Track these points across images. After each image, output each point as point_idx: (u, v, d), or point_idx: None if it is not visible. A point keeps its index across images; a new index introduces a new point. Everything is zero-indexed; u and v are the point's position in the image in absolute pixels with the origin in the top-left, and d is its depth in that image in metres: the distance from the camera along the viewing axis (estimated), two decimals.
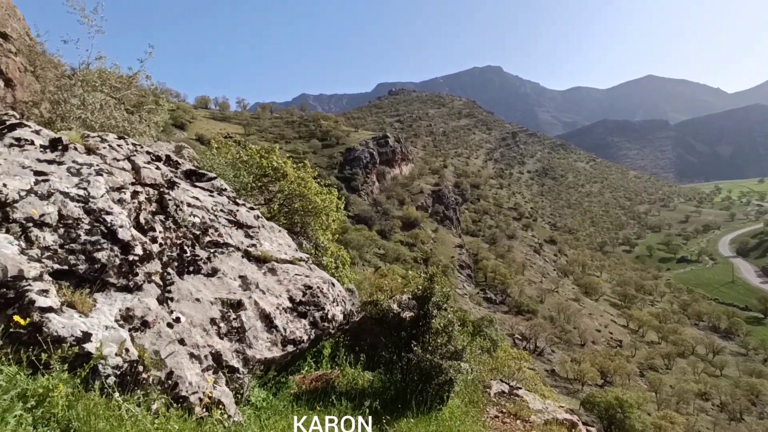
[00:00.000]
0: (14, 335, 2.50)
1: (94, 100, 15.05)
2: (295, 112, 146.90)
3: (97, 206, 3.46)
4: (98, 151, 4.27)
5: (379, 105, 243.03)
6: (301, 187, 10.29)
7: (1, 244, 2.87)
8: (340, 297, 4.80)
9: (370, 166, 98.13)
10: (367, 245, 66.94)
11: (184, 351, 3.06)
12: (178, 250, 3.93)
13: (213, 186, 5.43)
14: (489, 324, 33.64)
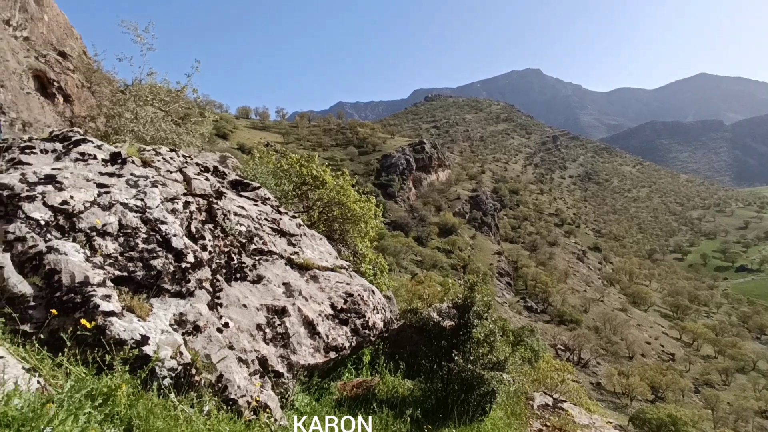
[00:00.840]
0: (80, 337, 2.68)
1: (145, 114, 15.95)
2: (332, 120, 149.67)
3: (153, 216, 3.67)
4: (153, 164, 4.54)
5: (416, 111, 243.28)
6: (340, 195, 10.45)
7: (69, 252, 3.10)
8: (380, 305, 4.84)
9: (406, 173, 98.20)
10: (403, 252, 66.88)
11: (232, 355, 3.18)
12: (225, 258, 4.10)
13: (257, 195, 5.63)
14: (530, 334, 32.70)
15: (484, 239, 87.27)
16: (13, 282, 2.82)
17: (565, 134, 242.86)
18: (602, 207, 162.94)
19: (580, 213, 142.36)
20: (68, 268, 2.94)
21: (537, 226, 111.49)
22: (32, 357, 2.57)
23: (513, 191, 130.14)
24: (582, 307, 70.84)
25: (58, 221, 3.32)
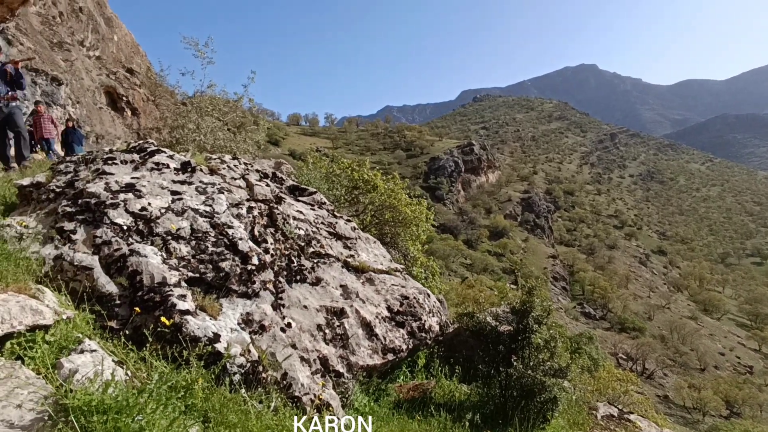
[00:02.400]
0: (160, 334, 2.89)
1: (206, 125, 16.87)
2: (379, 125, 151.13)
3: (221, 221, 3.88)
4: (219, 172, 4.80)
5: (464, 113, 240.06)
6: (391, 198, 10.53)
7: (148, 255, 3.35)
8: (435, 308, 4.83)
9: (454, 175, 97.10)
10: (453, 255, 66.10)
11: (295, 354, 3.30)
12: (286, 261, 4.26)
13: (314, 200, 5.81)
14: (588, 341, 31.14)
15: (538, 242, 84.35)
16: (101, 282, 3.10)
17: (624, 131, 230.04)
18: (667, 207, 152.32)
19: (642, 214, 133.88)
20: (148, 270, 3.18)
21: (594, 229, 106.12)
22: (119, 351, 2.80)
23: (568, 192, 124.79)
24: (646, 314, 66.56)
25: (138, 226, 3.59)
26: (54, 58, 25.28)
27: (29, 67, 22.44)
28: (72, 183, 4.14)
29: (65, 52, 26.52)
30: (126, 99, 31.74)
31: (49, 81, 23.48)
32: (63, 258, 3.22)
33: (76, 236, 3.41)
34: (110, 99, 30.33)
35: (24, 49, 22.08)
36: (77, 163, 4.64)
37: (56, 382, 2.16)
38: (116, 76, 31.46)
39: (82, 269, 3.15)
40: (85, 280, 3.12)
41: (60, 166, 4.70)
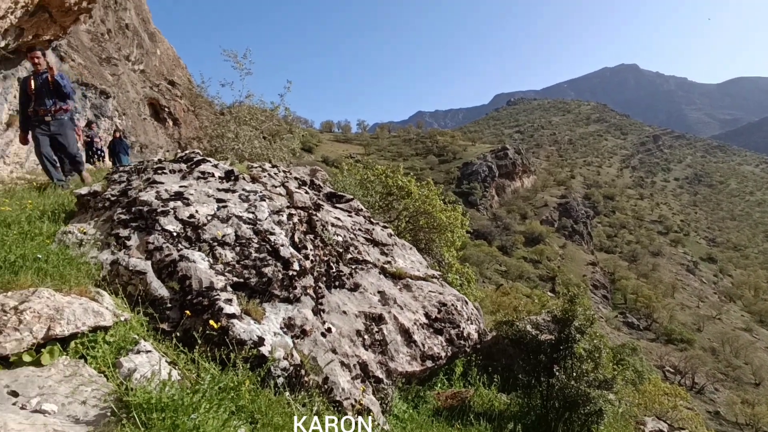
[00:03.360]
0: (208, 336, 3.01)
1: (244, 133, 17.41)
2: (411, 130, 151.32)
3: (263, 227, 4.00)
4: (260, 180, 4.96)
5: (497, 117, 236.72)
6: (426, 204, 10.53)
7: (196, 260, 3.49)
8: (473, 315, 4.78)
9: (488, 180, 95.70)
10: (487, 261, 65.01)
11: (336, 359, 3.35)
12: (325, 266, 4.34)
13: (351, 207, 5.89)
14: (632, 352, 29.80)
15: (576, 249, 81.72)
16: (154, 286, 3.26)
17: (668, 133, 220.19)
18: (716, 212, 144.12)
19: (689, 219, 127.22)
20: (197, 275, 3.32)
21: (637, 235, 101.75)
22: (171, 352, 2.94)
23: (608, 197, 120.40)
24: (694, 325, 63.10)
25: (186, 232, 3.76)
26: (102, 72, 26.83)
27: (80, 82, 23.91)
28: (126, 192, 4.38)
29: (113, 66, 28.12)
30: (168, 110, 33.29)
31: (98, 94, 24.94)
32: (119, 263, 3.40)
33: (131, 242, 3.61)
34: (153, 110, 31.90)
35: (75, 65, 23.56)
36: (130, 172, 4.91)
37: (117, 380, 2.29)
38: (159, 88, 33.09)
39: (136, 273, 3.32)
40: (139, 284, 3.29)
41: (114, 176, 4.99)
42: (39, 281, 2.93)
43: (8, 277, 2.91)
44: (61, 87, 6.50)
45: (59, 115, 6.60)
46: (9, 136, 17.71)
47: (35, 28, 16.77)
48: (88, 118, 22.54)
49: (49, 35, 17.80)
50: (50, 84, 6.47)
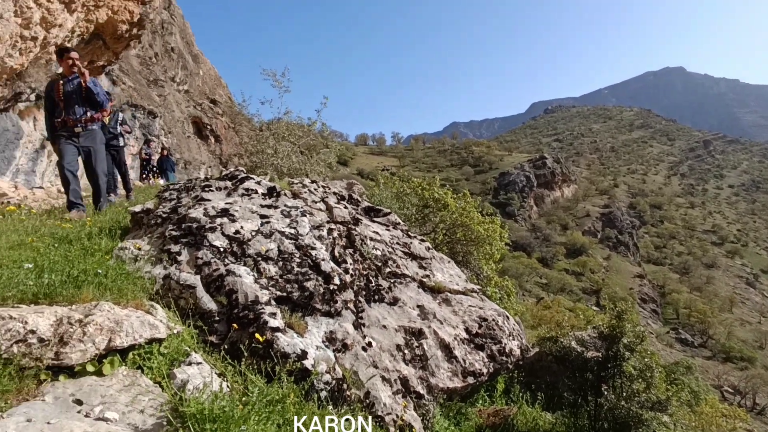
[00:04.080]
0: (254, 349, 3.10)
1: (283, 149, 17.92)
2: (446, 141, 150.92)
3: (305, 242, 4.10)
4: (301, 195, 5.10)
5: (534, 125, 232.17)
6: (463, 216, 10.44)
7: (242, 275, 3.62)
8: (515, 331, 4.67)
9: (526, 190, 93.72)
10: (526, 273, 63.35)
11: (377, 373, 3.36)
12: (364, 280, 4.38)
13: (388, 221, 5.94)
14: (686, 371, 28.03)
15: (621, 260, 78.20)
16: (203, 300, 3.40)
17: (720, 137, 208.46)
18: None
19: (747, 229, 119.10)
20: (243, 289, 3.44)
21: (688, 246, 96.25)
22: (219, 364, 3.04)
23: (655, 206, 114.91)
24: (756, 342, 58.67)
25: (232, 248, 3.91)
26: (150, 94, 28.52)
27: (130, 103, 25.54)
28: (176, 209, 4.61)
29: (159, 88, 29.88)
30: (210, 127, 34.91)
31: (146, 114, 26.54)
32: (170, 277, 3.58)
33: (181, 257, 3.79)
34: (196, 128, 33.57)
35: (125, 88, 25.18)
36: (179, 190, 5.18)
37: (171, 390, 2.41)
38: (201, 106, 34.83)
39: (186, 288, 3.48)
40: (189, 297, 3.44)
41: (165, 194, 5.27)
42: (99, 295, 3.13)
43: (72, 290, 3.12)
44: (93, 94, 5.84)
45: (90, 125, 5.94)
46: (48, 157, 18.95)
47: (90, 55, 18.02)
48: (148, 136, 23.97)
49: (102, 61, 19.09)
50: (82, 90, 5.78)
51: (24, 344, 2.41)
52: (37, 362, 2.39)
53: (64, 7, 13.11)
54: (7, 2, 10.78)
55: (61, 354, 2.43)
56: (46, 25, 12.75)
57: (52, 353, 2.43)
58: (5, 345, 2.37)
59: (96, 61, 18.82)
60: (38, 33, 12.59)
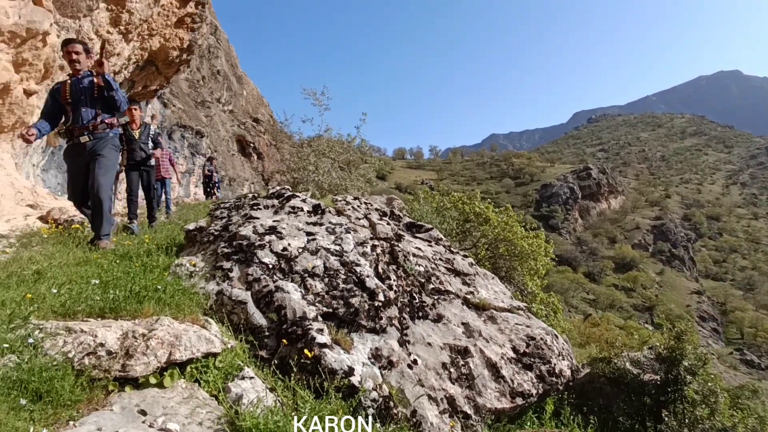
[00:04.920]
0: (302, 365, 3.17)
1: (324, 165, 18.35)
2: (485, 153, 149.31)
3: (349, 259, 4.17)
4: (345, 212, 5.20)
5: (577, 135, 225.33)
6: (506, 231, 10.25)
7: (290, 291, 3.72)
8: (565, 350, 4.51)
9: (570, 202, 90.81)
10: (572, 289, 60.96)
11: (423, 392, 3.34)
12: (408, 297, 4.39)
13: (430, 236, 5.94)
14: (753, 395, 25.85)
15: (676, 275, 73.77)
16: (254, 316, 3.52)
17: None
18: None
19: None
20: (291, 305, 3.53)
21: (752, 260, 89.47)
22: (269, 379, 3.13)
23: (712, 217, 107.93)
24: None
25: (280, 265, 4.03)
26: (198, 114, 30.12)
27: (179, 124, 27.10)
28: (227, 227, 4.82)
29: (206, 109, 31.54)
30: (253, 145, 36.37)
31: (194, 134, 28.05)
32: (223, 293, 3.73)
33: (233, 274, 3.95)
34: (240, 146, 35.11)
35: (175, 110, 26.75)
36: (230, 208, 5.42)
37: (226, 404, 2.50)
38: (245, 125, 36.42)
39: (238, 303, 3.61)
40: (241, 313, 3.57)
41: (216, 212, 5.53)
42: (159, 310, 3.31)
43: (135, 305, 3.32)
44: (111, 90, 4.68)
45: (100, 131, 4.82)
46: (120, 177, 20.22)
47: (144, 80, 19.32)
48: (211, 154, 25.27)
49: (155, 85, 20.39)
50: (95, 89, 4.71)
51: (94, 356, 2.58)
52: (105, 374, 2.55)
53: (122, 37, 14.16)
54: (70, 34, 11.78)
55: (126, 366, 2.58)
56: (106, 55, 13.78)
57: (119, 365, 2.59)
58: (78, 357, 2.56)
59: (149, 86, 20.15)
60: None
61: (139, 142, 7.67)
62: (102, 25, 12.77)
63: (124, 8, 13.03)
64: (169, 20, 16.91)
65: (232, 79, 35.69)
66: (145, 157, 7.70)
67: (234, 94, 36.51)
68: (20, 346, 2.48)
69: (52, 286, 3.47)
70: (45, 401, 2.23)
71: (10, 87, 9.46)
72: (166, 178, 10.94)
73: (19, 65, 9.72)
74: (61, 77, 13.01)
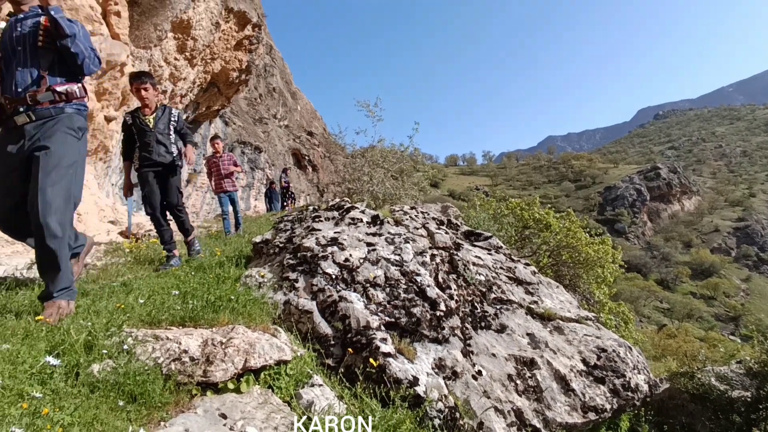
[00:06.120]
0: (367, 373, 3.22)
1: (378, 175, 18.58)
2: (542, 156, 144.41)
3: (409, 269, 4.21)
4: (403, 222, 5.26)
5: (643, 133, 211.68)
6: (569, 237, 9.82)
7: (353, 301, 3.82)
8: (640, 364, 4.25)
9: (638, 204, 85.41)
10: (643, 297, 56.97)
11: (489, 403, 3.28)
12: (469, 307, 4.34)
13: (490, 245, 5.84)
14: None
15: (766, 282, 66.84)
16: (320, 325, 3.64)
17: None
18: None
19: None
20: (355, 314, 3.62)
21: None
22: (337, 387, 3.22)
23: None
24: None
25: (343, 275, 4.15)
26: (256, 131, 31.73)
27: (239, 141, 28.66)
28: (291, 239, 5.03)
29: (263, 125, 33.18)
30: (308, 158, 37.68)
31: (253, 150, 29.55)
32: (290, 303, 3.90)
33: (298, 284, 4.11)
34: (296, 159, 36.53)
35: (236, 127, 28.33)
36: (293, 221, 5.66)
37: (299, 410, 2.61)
38: (300, 139, 37.86)
39: (304, 313, 3.76)
40: (307, 322, 3.71)
41: (280, 225, 5.79)
42: (233, 319, 3.52)
43: (211, 315, 3.55)
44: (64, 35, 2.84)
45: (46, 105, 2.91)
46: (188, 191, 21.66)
47: (207, 101, 20.70)
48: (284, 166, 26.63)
49: (217, 105, 21.79)
50: (40, 33, 2.88)
51: (179, 362, 2.79)
52: (189, 378, 2.74)
53: (188, 63, 15.30)
54: (143, 63, 12.90)
55: (207, 372, 2.77)
56: (173, 80, 14.99)
57: (200, 371, 2.78)
58: (165, 362, 2.78)
59: (212, 106, 21.57)
60: (167, 87, 14.82)
61: (156, 132, 5.04)
62: (170, 53, 13.91)
63: (189, 36, 14.10)
64: (229, 44, 18.07)
65: (286, 95, 37.39)
66: (171, 156, 5.18)
67: (289, 109, 38.22)
68: (116, 352, 2.73)
69: (138, 296, 3.79)
70: (139, 403, 2.44)
71: (93, 114, 10.51)
72: (231, 192, 9.31)
73: (100, 94, 10.80)
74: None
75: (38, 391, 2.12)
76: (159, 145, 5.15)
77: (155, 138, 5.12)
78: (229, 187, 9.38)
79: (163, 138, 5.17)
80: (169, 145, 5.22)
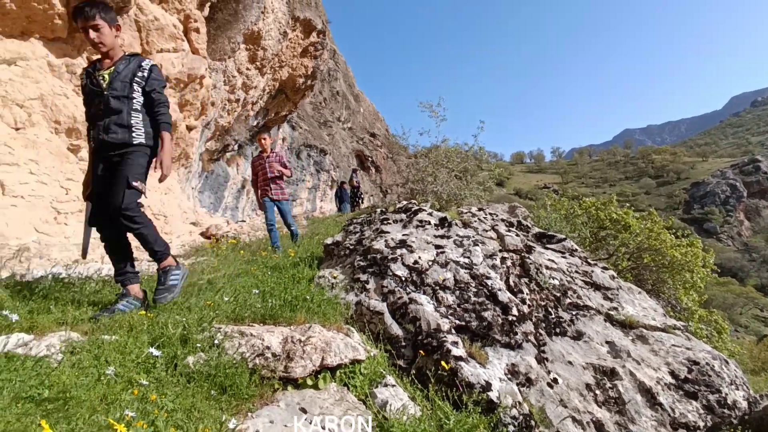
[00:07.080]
0: (439, 376, 3.24)
1: (442, 176, 18.44)
2: (617, 152, 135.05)
3: (479, 272, 4.16)
4: (471, 225, 5.20)
5: (737, 123, 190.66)
6: (651, 239, 9.10)
7: (423, 303, 3.85)
8: (738, 379, 3.86)
9: (732, 202, 77.22)
10: (739, 305, 51.35)
11: (566, 413, 3.16)
12: (543, 312, 4.20)
13: (564, 247, 5.59)
14: None
15: None
16: (391, 326, 3.72)
17: None
18: None
19: None
20: (425, 317, 3.65)
21: None
22: (408, 388, 3.27)
23: None
24: None
25: (412, 277, 4.20)
26: (321, 134, 32.75)
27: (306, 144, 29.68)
28: (360, 241, 5.17)
29: (328, 128, 34.19)
30: (371, 159, 38.28)
31: (319, 152, 30.54)
32: (362, 304, 4.01)
33: (369, 286, 4.22)
34: (359, 160, 37.27)
35: (302, 131, 29.45)
36: (362, 224, 5.80)
37: (374, 408, 2.69)
38: (363, 140, 38.56)
39: (376, 314, 3.85)
40: (378, 323, 3.80)
41: (350, 228, 5.97)
42: (309, 318, 3.69)
43: (289, 313, 3.74)
44: None
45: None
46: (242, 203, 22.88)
47: (276, 107, 21.72)
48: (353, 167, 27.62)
49: (285, 111, 22.80)
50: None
51: (263, 358, 2.98)
52: (272, 373, 2.93)
53: (258, 72, 16.19)
54: (218, 74, 13.84)
55: (288, 368, 2.94)
56: (245, 88, 15.95)
57: (282, 366, 2.95)
58: (250, 357, 2.98)
59: (280, 112, 22.60)
60: (240, 95, 15.80)
61: (109, 95, 3.18)
62: (242, 63, 14.84)
63: (259, 46, 14.93)
64: (296, 51, 18.89)
65: (350, 98, 38.31)
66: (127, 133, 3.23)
67: (352, 112, 39.13)
68: (207, 346, 2.97)
69: (223, 294, 4.09)
70: (229, 394, 2.64)
71: (176, 125, 11.48)
72: (282, 201, 7.64)
73: (182, 106, 11.76)
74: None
75: (144, 379, 2.37)
76: (111, 114, 3.16)
77: (107, 104, 3.16)
78: (276, 194, 7.53)
79: (119, 104, 3.18)
80: (126, 115, 3.19)
